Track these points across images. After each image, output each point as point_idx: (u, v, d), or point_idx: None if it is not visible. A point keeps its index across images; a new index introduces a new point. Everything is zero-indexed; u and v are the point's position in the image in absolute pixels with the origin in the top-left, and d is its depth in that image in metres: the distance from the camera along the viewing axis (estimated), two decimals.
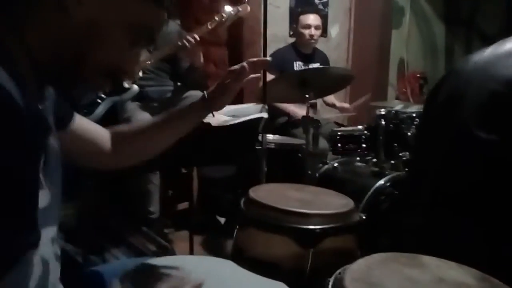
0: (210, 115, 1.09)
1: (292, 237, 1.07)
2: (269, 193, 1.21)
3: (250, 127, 1.56)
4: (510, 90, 0.88)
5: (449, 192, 0.96)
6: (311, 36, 3.00)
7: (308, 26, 3.00)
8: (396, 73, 3.96)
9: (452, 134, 0.98)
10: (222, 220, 2.74)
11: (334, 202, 1.19)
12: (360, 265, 0.83)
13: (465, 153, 0.95)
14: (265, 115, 1.55)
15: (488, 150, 0.89)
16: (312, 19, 3.01)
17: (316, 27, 3.01)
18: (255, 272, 0.99)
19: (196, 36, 2.21)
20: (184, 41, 2.23)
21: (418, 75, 3.94)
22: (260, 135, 1.78)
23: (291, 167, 2.24)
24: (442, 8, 4.18)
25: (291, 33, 3.50)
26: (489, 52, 1.00)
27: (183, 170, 2.54)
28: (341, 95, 3.61)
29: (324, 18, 3.58)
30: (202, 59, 2.47)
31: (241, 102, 3.27)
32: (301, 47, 3.07)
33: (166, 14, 0.69)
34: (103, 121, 2.37)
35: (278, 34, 3.43)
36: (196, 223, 2.50)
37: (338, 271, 0.84)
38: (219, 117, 1.53)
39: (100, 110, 2.37)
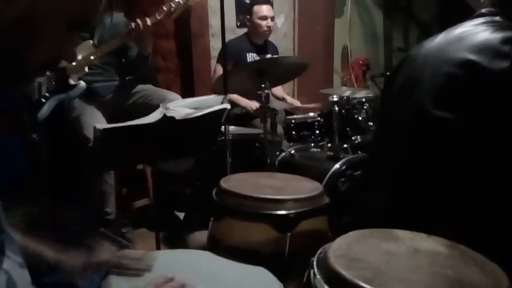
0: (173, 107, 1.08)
1: (269, 223, 1.10)
2: (241, 183, 1.23)
3: (214, 119, 1.56)
4: (462, 70, 0.95)
5: (411, 173, 1.03)
6: (269, 27, 3.02)
7: (265, 18, 3.01)
8: (340, 60, 4.10)
9: (410, 115, 1.04)
10: (181, 215, 2.72)
11: (305, 187, 1.23)
12: (340, 243, 0.87)
13: (424, 133, 1.02)
14: (227, 106, 1.56)
15: (445, 128, 0.96)
16: (267, 10, 3.03)
17: (272, 18, 3.04)
18: (234, 260, 1.01)
19: (148, 20, 2.14)
20: (133, 25, 2.16)
21: (361, 62, 4.10)
22: (223, 126, 1.78)
23: (250, 156, 2.26)
24: None
25: (239, 23, 3.50)
26: (440, 38, 1.07)
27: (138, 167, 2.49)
28: (288, 84, 3.67)
29: None
30: (151, 48, 2.37)
31: (193, 95, 3.25)
32: (255, 38, 3.09)
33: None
34: (51, 121, 2.26)
35: (226, 25, 3.41)
36: (154, 220, 2.47)
37: (319, 251, 0.88)
38: (181, 110, 1.51)
39: (46, 109, 2.25)
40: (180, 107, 1.52)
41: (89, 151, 2.00)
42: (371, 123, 2.23)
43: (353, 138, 2.21)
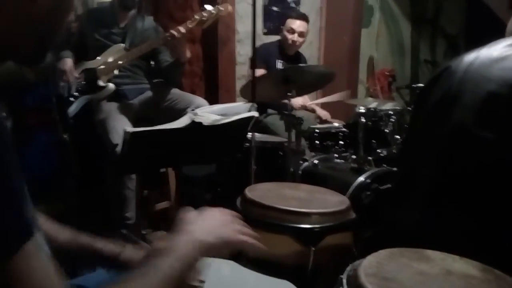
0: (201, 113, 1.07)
1: (293, 236, 1.08)
2: (266, 193, 1.22)
3: (240, 126, 1.56)
4: (506, 90, 0.92)
5: (449, 191, 1.00)
6: (293, 42, 3.02)
7: (292, 31, 3.02)
8: (366, 71, 4.06)
9: (450, 132, 1.01)
10: None
11: (331, 200, 1.21)
12: (371, 261, 0.85)
13: (462, 151, 0.99)
14: (255, 114, 1.56)
15: (486, 148, 0.93)
16: (297, 25, 3.02)
17: (300, 34, 3.03)
18: (257, 272, 1.00)
19: (182, 29, 2.15)
20: (170, 34, 2.17)
21: (387, 73, 4.06)
22: (249, 133, 1.78)
23: (272, 164, 2.25)
24: (409, 8, 4.31)
25: (266, 31, 3.51)
26: (482, 53, 1.04)
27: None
28: (312, 93, 3.65)
29: None
30: (189, 54, 2.38)
31: (217, 100, 3.26)
32: (285, 48, 3.09)
33: None
34: (79, 121, 2.30)
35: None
36: (175, 222, 2.47)
37: (348, 268, 0.86)
38: (209, 116, 1.52)
39: (74, 108, 2.29)
40: (208, 113, 1.52)
41: (112, 155, 2.01)
42: (398, 136, 2.19)
43: (378, 150, 2.18)
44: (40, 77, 2.20)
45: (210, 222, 0.85)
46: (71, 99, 2.33)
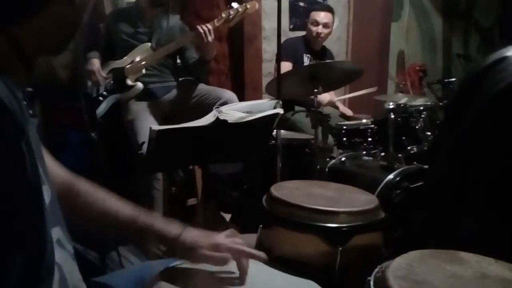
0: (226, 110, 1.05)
1: (320, 235, 1.06)
2: (292, 191, 1.20)
3: (266, 123, 1.54)
4: None
5: (501, 195, 0.94)
6: (318, 33, 2.98)
7: (316, 23, 2.97)
8: (396, 66, 3.96)
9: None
10: (227, 216, 2.72)
11: (360, 199, 1.18)
12: (399, 263, 0.82)
13: None
14: (280, 111, 1.54)
15: None
16: (321, 16, 2.98)
17: (324, 25, 2.98)
18: (283, 271, 0.98)
19: (210, 27, 2.15)
20: (197, 32, 2.17)
21: (418, 68, 3.95)
22: (275, 131, 1.76)
23: (299, 162, 2.22)
24: (440, 1, 4.18)
25: (291, 26, 3.47)
26: None
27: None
28: (340, 89, 3.59)
29: None
30: (215, 51, 2.37)
31: (243, 97, 3.26)
32: (311, 42, 3.05)
33: None
34: (108, 121, 2.34)
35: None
36: (202, 219, 2.48)
37: (376, 270, 0.83)
38: (234, 114, 1.51)
39: (103, 107, 2.33)
40: (233, 110, 1.51)
41: (141, 156, 2.03)
42: (429, 133, 2.12)
43: (408, 147, 2.12)
44: (70, 78, 2.25)
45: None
46: (100, 98, 2.37)
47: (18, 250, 0.46)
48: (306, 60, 3.00)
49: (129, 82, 2.38)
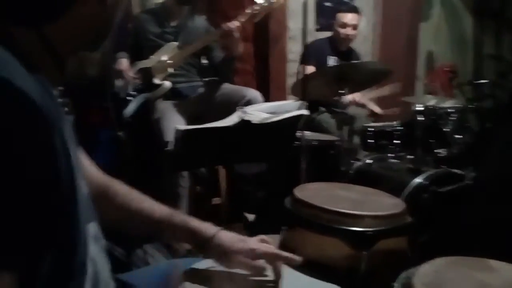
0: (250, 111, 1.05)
1: (345, 239, 1.04)
2: (316, 193, 1.19)
3: (290, 125, 1.53)
4: None
5: None
6: (347, 35, 2.95)
7: (345, 25, 2.95)
8: (424, 67, 3.88)
9: None
10: (250, 216, 2.73)
11: (385, 203, 1.16)
12: (426, 270, 0.80)
13: None
14: (305, 112, 1.53)
15: None
16: (349, 18, 2.95)
17: (353, 27, 2.96)
18: (307, 274, 0.97)
19: (236, 23, 2.15)
20: (223, 29, 2.18)
21: (447, 69, 3.84)
22: (300, 132, 1.75)
23: (323, 164, 2.20)
24: (471, 0, 4.07)
25: (318, 27, 3.45)
26: None
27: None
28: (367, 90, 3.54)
29: None
30: (241, 48, 2.37)
31: (268, 97, 3.25)
32: (337, 44, 3.03)
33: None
34: (134, 120, 2.38)
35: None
36: (225, 219, 2.49)
37: (402, 275, 0.81)
38: (258, 114, 1.51)
39: (132, 107, 2.36)
40: (257, 111, 1.51)
41: (166, 155, 2.05)
42: (459, 136, 2.07)
43: (437, 150, 2.07)
44: (98, 77, 2.29)
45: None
46: (129, 98, 2.41)
47: (50, 247, 0.47)
48: (331, 62, 2.97)
49: (156, 81, 2.41)
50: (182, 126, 1.52)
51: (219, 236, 0.85)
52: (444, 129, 2.10)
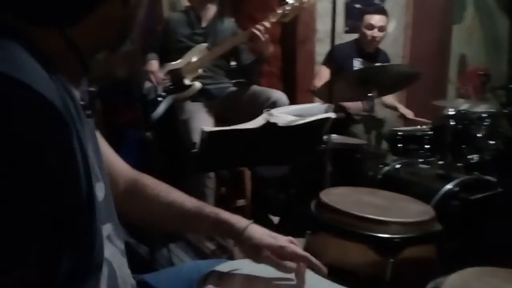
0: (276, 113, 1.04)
1: (370, 245, 1.02)
2: (342, 198, 1.17)
3: (316, 127, 1.52)
4: None
5: None
6: (374, 37, 2.90)
7: (371, 27, 2.90)
8: (456, 70, 3.78)
9: None
10: (275, 219, 2.72)
11: (413, 209, 1.13)
12: (455, 280, 0.77)
13: None
14: (332, 115, 1.51)
15: None
16: (376, 19, 2.90)
17: (380, 29, 2.90)
18: (330, 279, 0.96)
19: (266, 24, 2.16)
20: (255, 30, 2.19)
21: (480, 72, 3.72)
22: (325, 135, 1.73)
23: (350, 168, 2.17)
24: (507, 1, 3.93)
25: (347, 29, 3.41)
26: None
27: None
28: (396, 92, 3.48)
29: None
30: (272, 49, 2.36)
31: (295, 99, 3.24)
32: (363, 46, 2.98)
33: None
34: (162, 120, 2.41)
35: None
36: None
37: (429, 285, 0.79)
38: (285, 117, 1.50)
39: (162, 108, 2.39)
40: (284, 113, 1.50)
41: (193, 156, 2.07)
42: (492, 142, 2.00)
43: (469, 156, 2.01)
44: (128, 78, 2.34)
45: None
46: (159, 99, 2.44)
47: (69, 247, 0.48)
48: (357, 65, 2.93)
49: (186, 81, 2.44)
50: (208, 127, 1.53)
51: (250, 229, 0.84)
52: (476, 135, 2.04)
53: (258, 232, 0.85)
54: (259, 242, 0.83)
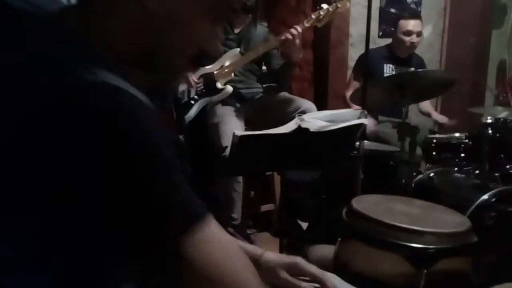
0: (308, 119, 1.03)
1: (403, 255, 1.00)
2: (374, 206, 1.15)
3: (349, 134, 1.50)
4: None
5: None
6: (412, 43, 2.83)
7: (410, 33, 2.82)
8: (495, 76, 3.65)
9: None
10: (304, 224, 2.70)
11: (448, 220, 1.10)
12: None
13: None
14: (365, 121, 1.49)
15: None
16: (413, 25, 2.82)
17: (418, 34, 2.84)
18: None
19: (299, 29, 2.15)
20: (287, 34, 2.19)
21: None
22: (358, 141, 1.70)
23: (382, 175, 2.14)
24: None
25: (381, 33, 3.36)
26: None
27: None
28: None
29: None
30: (301, 54, 2.37)
31: (325, 105, 3.21)
32: (397, 51, 2.92)
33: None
34: (194, 123, 2.44)
35: None
36: (278, 225, 2.48)
37: None
38: (316, 122, 1.49)
39: (194, 110, 2.43)
40: (315, 119, 1.50)
41: (223, 159, 2.09)
42: None
43: (507, 166, 1.93)
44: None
45: None
46: (192, 102, 2.48)
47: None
48: (388, 71, 2.87)
49: (219, 85, 2.47)
50: (239, 131, 1.54)
51: (267, 254, 0.86)
52: None
53: (274, 255, 0.87)
54: (276, 262, 0.84)
